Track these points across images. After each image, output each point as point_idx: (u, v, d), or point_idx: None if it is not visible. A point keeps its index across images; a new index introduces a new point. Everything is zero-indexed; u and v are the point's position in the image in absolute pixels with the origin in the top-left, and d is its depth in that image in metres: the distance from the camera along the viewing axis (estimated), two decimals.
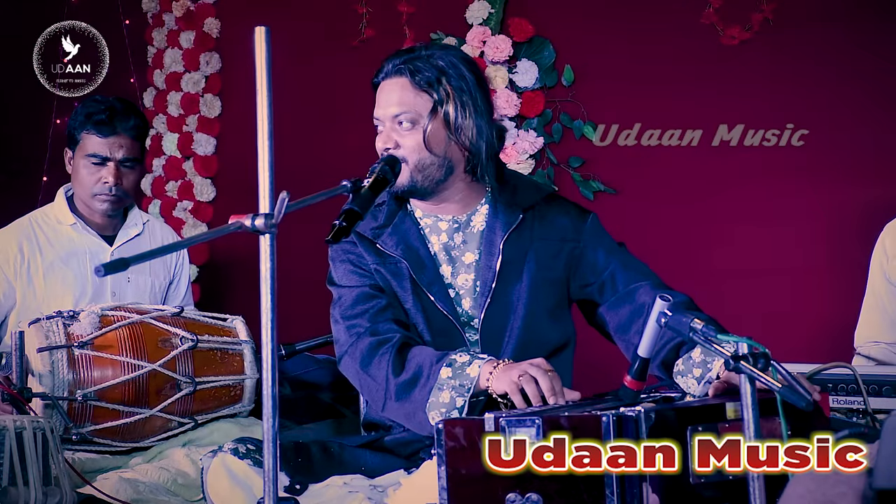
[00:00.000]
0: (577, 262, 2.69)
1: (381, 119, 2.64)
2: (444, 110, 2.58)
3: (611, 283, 2.66)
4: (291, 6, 4.82)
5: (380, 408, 2.55)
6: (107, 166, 3.43)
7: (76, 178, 3.49)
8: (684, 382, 2.40)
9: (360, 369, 2.57)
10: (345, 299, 2.66)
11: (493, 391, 2.41)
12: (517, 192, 2.70)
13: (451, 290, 2.65)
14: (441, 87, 2.59)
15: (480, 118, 2.61)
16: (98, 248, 3.54)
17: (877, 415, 2.63)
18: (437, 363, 2.45)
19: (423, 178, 2.61)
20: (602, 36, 4.42)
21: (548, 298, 2.66)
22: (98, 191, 3.45)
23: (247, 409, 3.18)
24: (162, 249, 3.02)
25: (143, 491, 2.77)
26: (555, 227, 2.69)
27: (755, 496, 1.87)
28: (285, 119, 4.13)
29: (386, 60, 2.66)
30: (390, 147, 2.60)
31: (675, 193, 4.31)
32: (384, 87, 2.64)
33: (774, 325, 4.09)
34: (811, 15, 4.13)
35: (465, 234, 2.69)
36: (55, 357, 2.91)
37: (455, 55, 2.65)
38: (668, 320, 2.08)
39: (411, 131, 2.60)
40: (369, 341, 2.56)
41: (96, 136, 3.41)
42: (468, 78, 2.62)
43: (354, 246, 2.68)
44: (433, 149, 2.59)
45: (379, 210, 2.70)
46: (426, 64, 2.61)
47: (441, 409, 2.43)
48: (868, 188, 4.04)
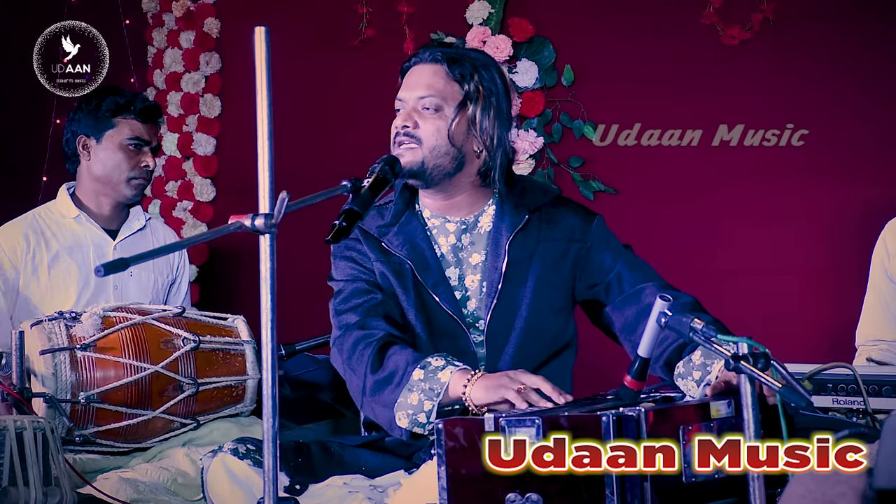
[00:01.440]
0: (584, 263, 2.69)
1: (404, 100, 2.64)
2: (471, 106, 2.61)
3: (617, 284, 2.66)
4: (291, 6, 4.82)
5: (359, 403, 2.56)
6: (145, 151, 3.56)
7: (108, 163, 3.54)
8: (684, 385, 2.41)
9: (345, 363, 2.58)
10: (340, 292, 2.67)
11: (470, 402, 2.38)
12: (524, 194, 2.71)
13: (458, 292, 2.65)
14: (473, 82, 2.62)
15: (502, 125, 2.64)
16: (101, 240, 3.58)
17: (877, 415, 2.62)
18: (412, 364, 2.45)
19: (434, 167, 2.61)
20: (602, 36, 4.41)
21: (553, 299, 2.66)
22: (137, 174, 3.56)
23: (248, 409, 3.19)
24: (161, 249, 3.02)
25: (143, 491, 2.77)
26: (561, 228, 2.70)
27: (755, 496, 1.87)
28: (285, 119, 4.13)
29: (423, 47, 2.69)
30: (409, 125, 2.60)
31: (675, 193, 4.31)
32: (415, 71, 2.66)
33: (774, 324, 4.09)
34: (811, 15, 4.13)
35: (472, 236, 2.69)
36: (58, 359, 2.91)
37: (492, 62, 2.71)
38: (668, 320, 2.08)
39: (433, 116, 2.61)
40: (355, 335, 2.56)
41: (138, 121, 3.55)
42: (499, 84, 2.66)
43: (358, 242, 2.68)
44: (452, 140, 2.60)
45: (386, 208, 2.71)
46: (464, 59, 2.65)
47: (408, 411, 2.43)
48: (868, 188, 4.04)
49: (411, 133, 2.60)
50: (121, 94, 3.56)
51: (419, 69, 2.65)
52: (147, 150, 3.56)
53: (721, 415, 2.11)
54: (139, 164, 3.55)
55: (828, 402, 2.67)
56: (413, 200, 2.73)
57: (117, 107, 3.53)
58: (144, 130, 3.56)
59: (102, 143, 3.54)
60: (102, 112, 3.53)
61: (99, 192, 3.58)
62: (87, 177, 3.58)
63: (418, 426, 2.44)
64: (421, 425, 2.43)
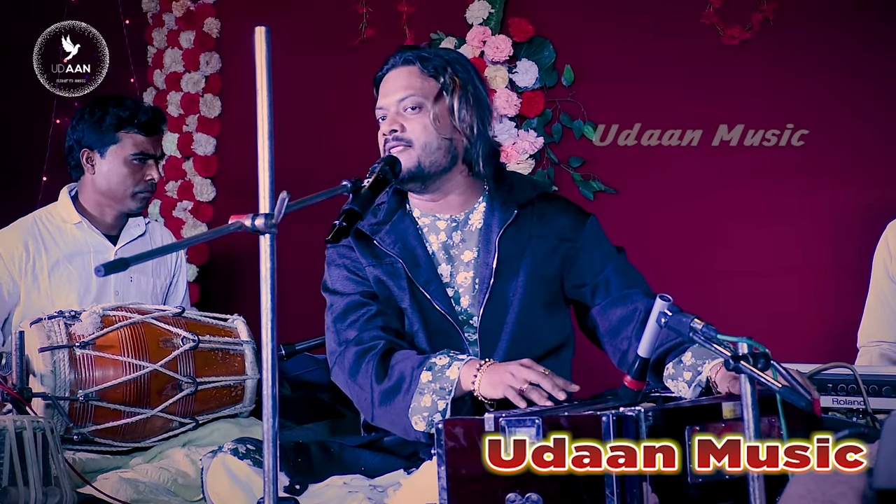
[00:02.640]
0: (573, 262, 2.69)
1: (385, 107, 2.66)
2: (449, 97, 2.63)
3: (604, 287, 2.66)
4: (291, 6, 4.82)
5: (369, 416, 2.56)
6: (149, 164, 3.53)
7: (112, 177, 3.51)
8: (675, 386, 2.41)
9: (348, 379, 2.58)
10: (336, 307, 2.67)
11: (480, 395, 2.40)
12: (513, 189, 2.71)
13: (450, 289, 2.65)
14: (447, 74, 2.65)
15: (482, 114, 2.66)
16: (102, 246, 3.56)
17: (877, 415, 2.63)
18: (418, 368, 2.45)
19: (430, 164, 2.61)
20: (602, 36, 4.41)
21: (542, 294, 2.66)
22: (141, 188, 3.53)
23: (248, 409, 3.18)
24: (162, 249, 3.02)
25: (143, 491, 2.77)
26: (553, 225, 2.70)
27: (755, 496, 1.87)
28: (285, 119, 4.14)
29: (392, 55, 2.70)
30: (396, 129, 2.61)
31: (675, 193, 4.31)
32: (389, 77, 2.67)
33: (775, 325, 4.09)
34: (811, 15, 4.13)
35: (463, 233, 2.70)
36: (57, 357, 2.91)
37: (462, 56, 2.76)
38: (668, 320, 2.08)
39: (417, 115, 2.62)
40: (355, 350, 2.57)
41: (141, 134, 3.50)
42: (472, 73, 2.70)
43: (350, 250, 2.68)
44: (440, 132, 2.61)
45: (378, 208, 2.71)
46: (434, 55, 2.69)
47: (423, 414, 2.44)
48: (868, 188, 4.03)
49: (400, 136, 2.61)
50: (123, 107, 3.50)
51: (393, 74, 2.67)
52: (152, 163, 3.53)
53: (736, 416, 2.09)
54: (144, 178, 3.52)
55: (828, 402, 2.67)
56: (405, 200, 2.74)
57: (120, 120, 3.48)
58: (149, 143, 3.52)
59: (106, 157, 3.50)
60: (106, 126, 3.48)
61: (103, 204, 3.56)
62: (90, 188, 3.56)
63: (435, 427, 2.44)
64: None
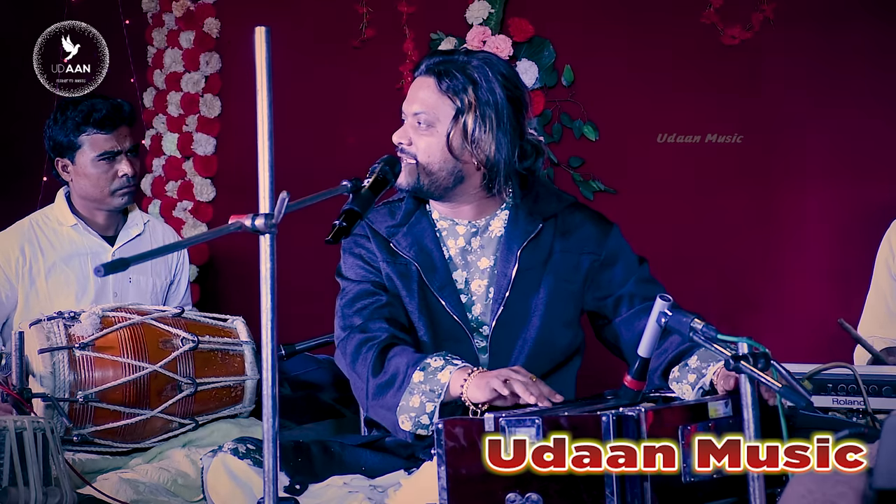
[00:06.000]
0: (595, 275, 2.67)
1: (405, 113, 2.64)
2: (464, 120, 2.56)
3: (627, 299, 2.64)
4: (291, 6, 4.82)
5: (364, 407, 2.57)
6: (119, 160, 3.46)
7: (86, 181, 3.48)
8: (679, 388, 2.41)
9: (349, 365, 2.59)
10: (347, 292, 2.67)
11: (467, 400, 2.39)
12: (539, 201, 2.68)
13: (464, 296, 2.64)
14: (466, 96, 2.56)
15: (503, 134, 2.57)
16: (99, 248, 3.54)
17: (877, 415, 2.62)
18: (413, 366, 2.45)
19: (430, 183, 2.61)
20: (602, 36, 4.41)
21: (565, 310, 2.65)
22: (117, 186, 3.48)
23: (247, 409, 3.18)
24: (162, 249, 3.01)
25: (143, 491, 2.77)
26: (576, 238, 2.67)
27: (755, 496, 1.87)
28: (285, 119, 4.13)
29: (425, 57, 2.67)
30: (404, 142, 2.61)
31: (675, 193, 4.31)
32: (415, 84, 2.65)
33: (775, 324, 4.09)
34: (811, 15, 4.13)
35: (482, 239, 2.68)
36: (56, 358, 2.91)
37: (492, 67, 2.60)
38: (668, 320, 2.08)
39: (426, 133, 2.59)
40: (358, 339, 2.57)
41: (100, 133, 3.43)
42: (498, 93, 2.58)
43: (367, 240, 2.68)
44: (447, 156, 2.58)
45: (397, 207, 2.70)
46: (459, 71, 2.58)
47: (411, 414, 2.43)
48: (868, 188, 4.04)
49: (406, 150, 2.61)
50: (78, 109, 3.42)
51: (417, 82, 2.64)
52: (121, 158, 3.45)
53: (719, 414, 2.11)
54: (116, 175, 3.46)
55: (828, 402, 2.66)
56: (424, 200, 2.72)
57: (76, 124, 3.41)
58: (112, 140, 3.44)
59: (77, 163, 3.46)
60: (68, 131, 3.43)
61: (90, 206, 3.54)
62: (74, 193, 3.55)
63: (421, 428, 2.44)
64: (424, 427, 2.43)
